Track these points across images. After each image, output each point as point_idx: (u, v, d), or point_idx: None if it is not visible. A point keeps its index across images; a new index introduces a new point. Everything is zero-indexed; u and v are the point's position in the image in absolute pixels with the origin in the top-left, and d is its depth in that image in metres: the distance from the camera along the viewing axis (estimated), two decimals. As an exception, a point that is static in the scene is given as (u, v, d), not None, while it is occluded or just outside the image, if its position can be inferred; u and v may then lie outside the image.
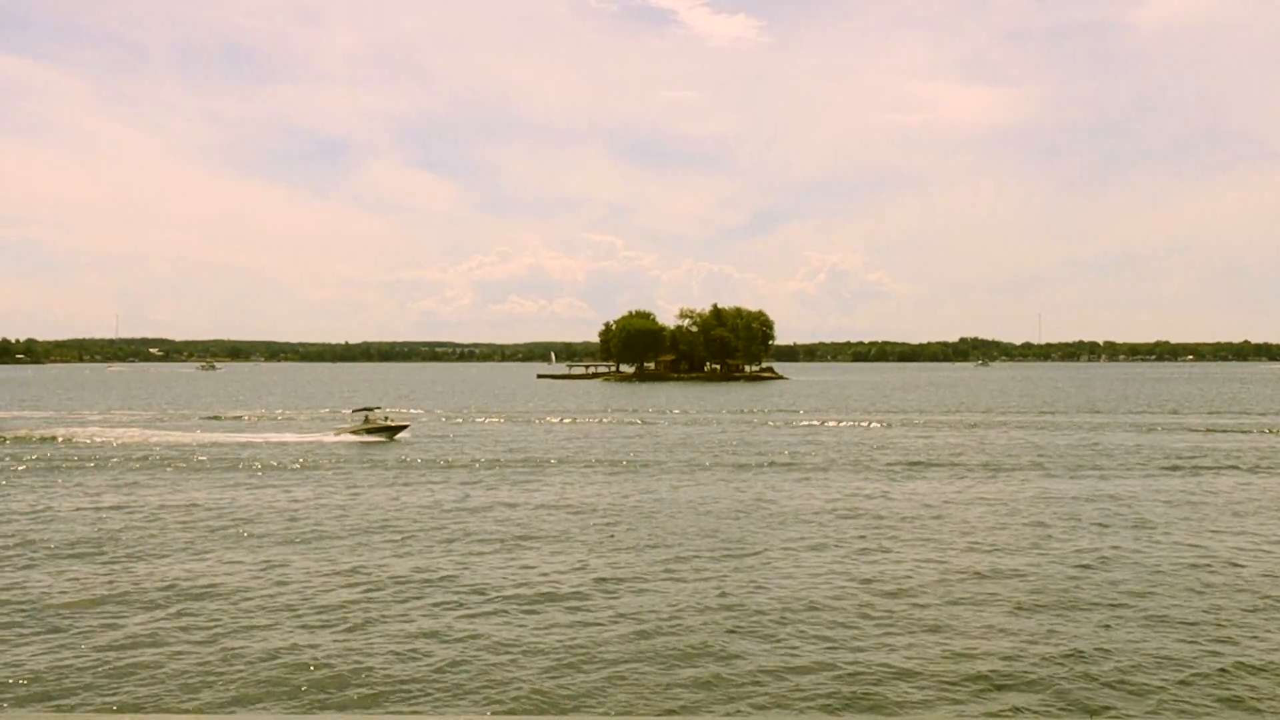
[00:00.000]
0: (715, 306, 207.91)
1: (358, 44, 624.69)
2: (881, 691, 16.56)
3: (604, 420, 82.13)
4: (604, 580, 24.09)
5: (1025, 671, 17.38)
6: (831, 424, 77.58)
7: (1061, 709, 15.80)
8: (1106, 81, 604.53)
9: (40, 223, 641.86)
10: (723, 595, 22.56)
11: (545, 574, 24.76)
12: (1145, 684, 16.84)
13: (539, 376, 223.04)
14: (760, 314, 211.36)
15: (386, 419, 63.61)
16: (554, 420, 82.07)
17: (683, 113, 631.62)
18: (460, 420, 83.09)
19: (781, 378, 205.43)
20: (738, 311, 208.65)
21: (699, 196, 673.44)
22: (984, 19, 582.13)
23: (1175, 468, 47.68)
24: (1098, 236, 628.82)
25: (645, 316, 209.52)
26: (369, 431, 60.88)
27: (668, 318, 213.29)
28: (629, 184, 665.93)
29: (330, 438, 61.27)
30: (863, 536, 29.78)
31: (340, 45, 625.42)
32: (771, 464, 49.15)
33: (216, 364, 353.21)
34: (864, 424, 77.84)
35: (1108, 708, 15.85)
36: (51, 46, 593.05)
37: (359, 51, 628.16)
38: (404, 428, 63.15)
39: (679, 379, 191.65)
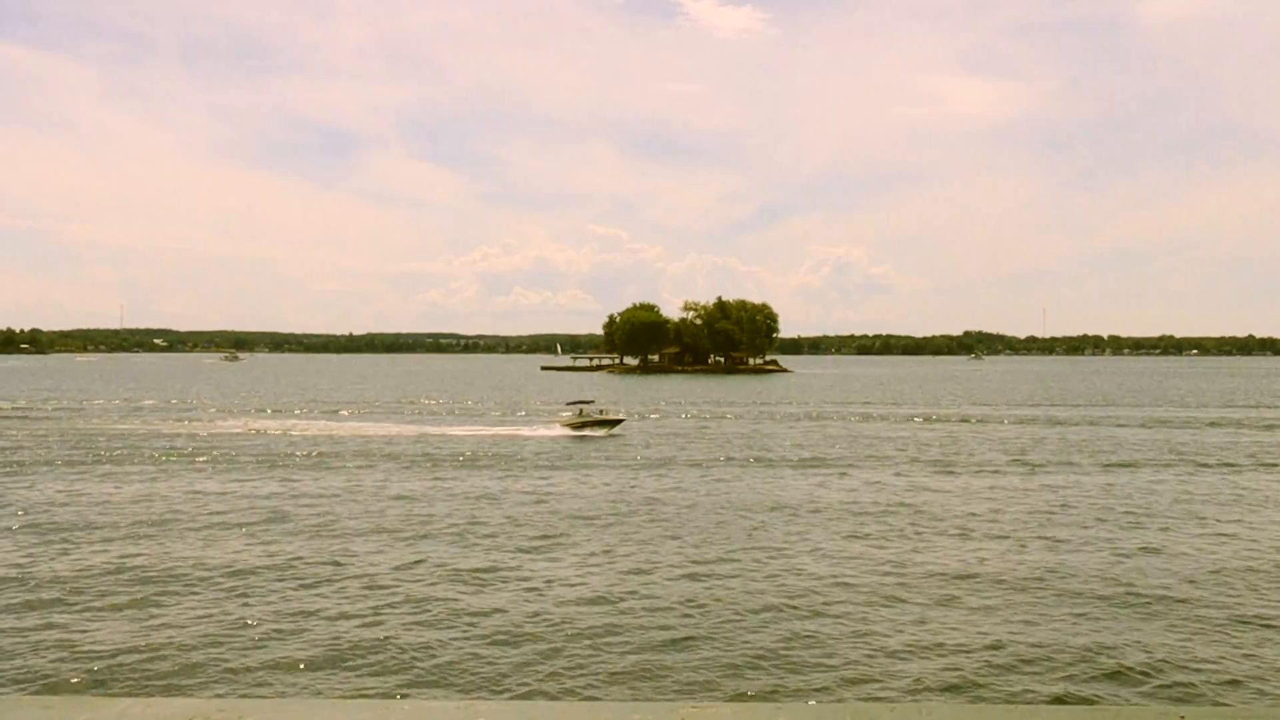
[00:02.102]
0: (719, 299, 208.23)
1: (364, 37, 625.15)
2: (907, 681, 16.72)
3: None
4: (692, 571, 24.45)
5: (1047, 659, 17.54)
6: (837, 417, 77.74)
7: (1096, 699, 15.95)
8: (1114, 76, 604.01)
9: (46, 214, 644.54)
10: (772, 581, 22.75)
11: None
12: (1178, 677, 16.97)
13: (543, 368, 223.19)
14: (764, 307, 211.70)
15: (602, 412, 64.37)
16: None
17: (689, 106, 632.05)
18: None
19: (785, 371, 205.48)
20: (742, 304, 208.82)
21: (704, 189, 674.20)
22: (991, 13, 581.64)
23: (1200, 463, 47.81)
24: (1103, 231, 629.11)
25: (649, 309, 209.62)
26: (586, 425, 61.42)
27: (672, 310, 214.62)
28: (634, 177, 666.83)
29: (549, 430, 61.62)
30: (893, 530, 29.92)
31: (347, 38, 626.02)
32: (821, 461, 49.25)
33: (239, 355, 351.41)
34: (868, 418, 77.99)
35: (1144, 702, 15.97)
36: (59, 39, 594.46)
37: (366, 44, 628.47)
38: (620, 421, 63.79)
39: (683, 371, 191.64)
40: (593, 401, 68.71)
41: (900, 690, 16.25)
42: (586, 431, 60.40)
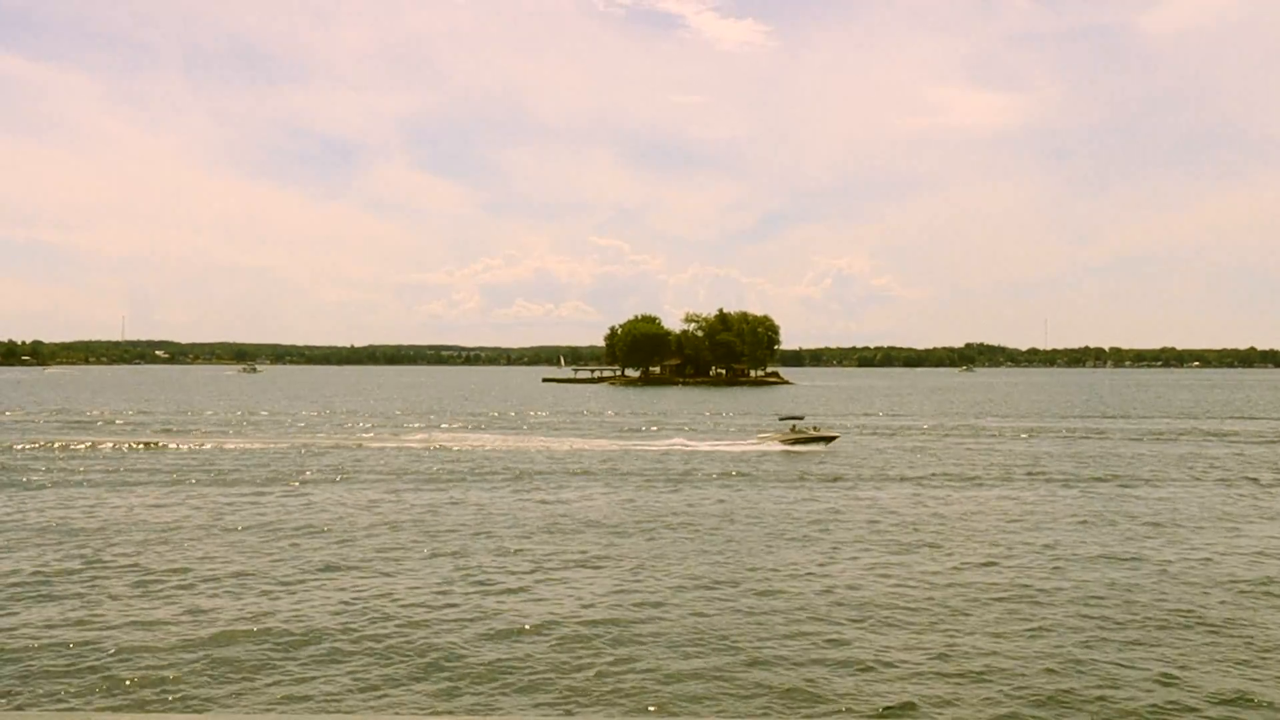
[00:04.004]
0: (721, 311, 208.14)
1: (366, 45, 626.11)
2: (918, 696, 16.47)
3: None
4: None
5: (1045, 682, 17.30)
6: (843, 430, 77.58)
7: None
8: (1115, 86, 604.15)
9: (48, 224, 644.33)
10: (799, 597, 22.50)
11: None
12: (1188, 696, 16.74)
13: (544, 380, 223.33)
14: (766, 319, 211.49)
15: (815, 429, 64.19)
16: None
17: (690, 116, 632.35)
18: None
19: (787, 382, 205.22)
20: (743, 316, 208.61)
21: (706, 200, 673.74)
22: (993, 22, 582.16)
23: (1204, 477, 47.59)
24: (1105, 241, 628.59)
25: (651, 320, 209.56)
26: (800, 440, 61.02)
27: (673, 322, 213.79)
28: (636, 187, 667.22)
29: (765, 445, 61.22)
30: (917, 545, 29.74)
31: (349, 46, 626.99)
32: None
33: (258, 367, 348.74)
34: (871, 430, 77.83)
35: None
36: (60, 47, 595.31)
37: (368, 53, 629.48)
38: (835, 438, 63.30)
39: (684, 383, 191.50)
40: (804, 417, 68.23)
41: (922, 712, 16.01)
42: (800, 447, 59.66)
